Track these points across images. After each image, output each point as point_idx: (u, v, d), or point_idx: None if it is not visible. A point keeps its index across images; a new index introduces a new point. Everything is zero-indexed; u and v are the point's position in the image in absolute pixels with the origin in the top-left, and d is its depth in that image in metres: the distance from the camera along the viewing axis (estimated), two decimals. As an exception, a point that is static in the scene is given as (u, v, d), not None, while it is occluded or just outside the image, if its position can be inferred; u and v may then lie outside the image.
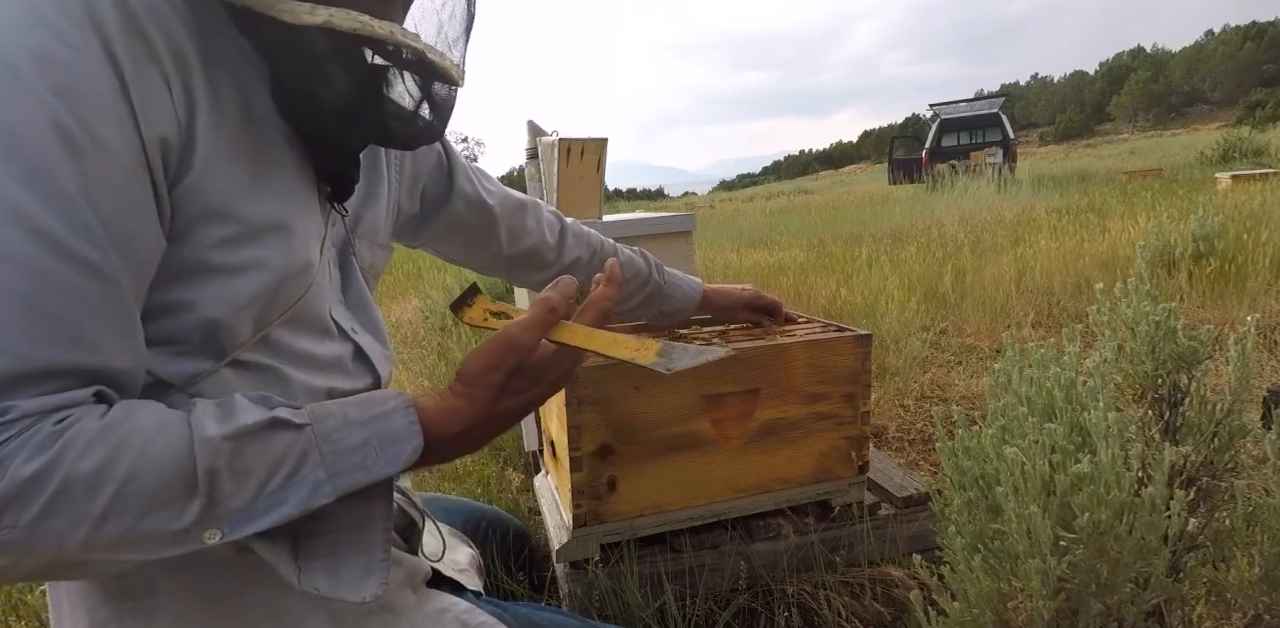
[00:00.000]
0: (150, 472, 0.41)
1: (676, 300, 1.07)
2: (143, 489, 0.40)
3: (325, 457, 0.46)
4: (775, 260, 4.85)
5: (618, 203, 24.26)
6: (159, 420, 0.43)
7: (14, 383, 0.39)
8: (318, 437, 0.46)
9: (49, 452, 0.39)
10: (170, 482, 0.41)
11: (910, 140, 17.25)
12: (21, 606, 1.29)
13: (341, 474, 0.46)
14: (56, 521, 0.38)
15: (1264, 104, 41.30)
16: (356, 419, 0.47)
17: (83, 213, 0.40)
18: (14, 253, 0.38)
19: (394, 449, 0.48)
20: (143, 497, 0.40)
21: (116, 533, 0.40)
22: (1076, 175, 9.98)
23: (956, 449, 0.80)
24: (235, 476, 0.43)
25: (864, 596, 1.05)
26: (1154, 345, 0.78)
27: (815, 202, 13.74)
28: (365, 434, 0.47)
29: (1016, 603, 0.71)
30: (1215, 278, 2.92)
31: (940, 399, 2.11)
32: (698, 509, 1.06)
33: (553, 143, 1.76)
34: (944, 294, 3.25)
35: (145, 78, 0.43)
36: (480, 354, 0.52)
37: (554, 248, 0.95)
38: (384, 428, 0.48)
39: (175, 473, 0.41)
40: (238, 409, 0.45)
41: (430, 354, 2.94)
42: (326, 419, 0.47)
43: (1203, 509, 0.75)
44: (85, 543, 0.39)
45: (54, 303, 0.40)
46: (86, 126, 0.40)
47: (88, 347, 0.41)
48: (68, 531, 0.39)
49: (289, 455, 0.45)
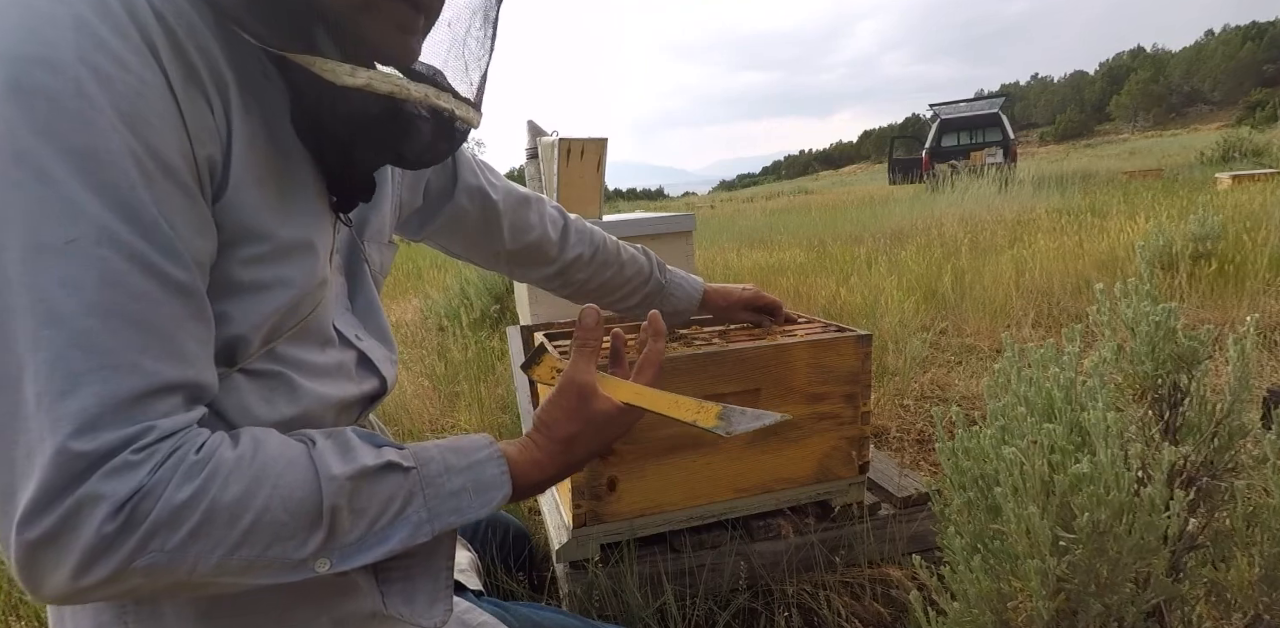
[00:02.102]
0: (283, 504, 0.44)
1: (677, 300, 1.07)
2: (276, 520, 0.44)
3: (429, 499, 0.50)
4: (775, 260, 4.86)
5: (618, 203, 24.26)
6: (286, 455, 0.46)
7: (144, 400, 0.41)
8: (422, 480, 0.50)
9: (197, 480, 0.41)
10: (299, 515, 0.45)
11: (910, 140, 17.26)
12: (22, 605, 1.29)
13: (440, 516, 0.50)
14: (198, 545, 0.41)
15: (1264, 104, 41.31)
16: (456, 466, 0.52)
17: (166, 234, 0.42)
18: (118, 274, 0.40)
19: (487, 496, 0.53)
20: (275, 527, 0.44)
21: (247, 560, 0.43)
22: (1076, 175, 9.98)
23: (956, 449, 0.80)
24: (353, 513, 0.47)
25: (864, 596, 1.05)
26: (1154, 345, 0.78)
27: (815, 202, 13.75)
28: (463, 480, 0.52)
29: (1016, 603, 0.71)
30: (1215, 278, 2.92)
31: (940, 399, 2.11)
32: (698, 509, 1.06)
33: (553, 143, 1.77)
34: (944, 294, 3.25)
35: (193, 98, 0.44)
36: (553, 405, 0.59)
37: (556, 244, 0.94)
38: (479, 475, 0.53)
39: (304, 507, 0.45)
40: (355, 449, 0.49)
41: (430, 354, 2.94)
42: (429, 464, 0.51)
43: (1203, 509, 0.75)
44: (217, 567, 0.42)
45: (158, 321, 0.41)
46: (154, 151, 0.41)
47: (191, 362, 0.43)
48: (205, 555, 0.42)
49: (397, 496, 0.49)
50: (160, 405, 0.42)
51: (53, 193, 0.38)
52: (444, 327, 3.49)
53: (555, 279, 0.98)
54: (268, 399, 0.53)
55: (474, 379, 2.41)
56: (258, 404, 0.52)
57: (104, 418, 0.39)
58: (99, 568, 0.39)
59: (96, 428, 0.39)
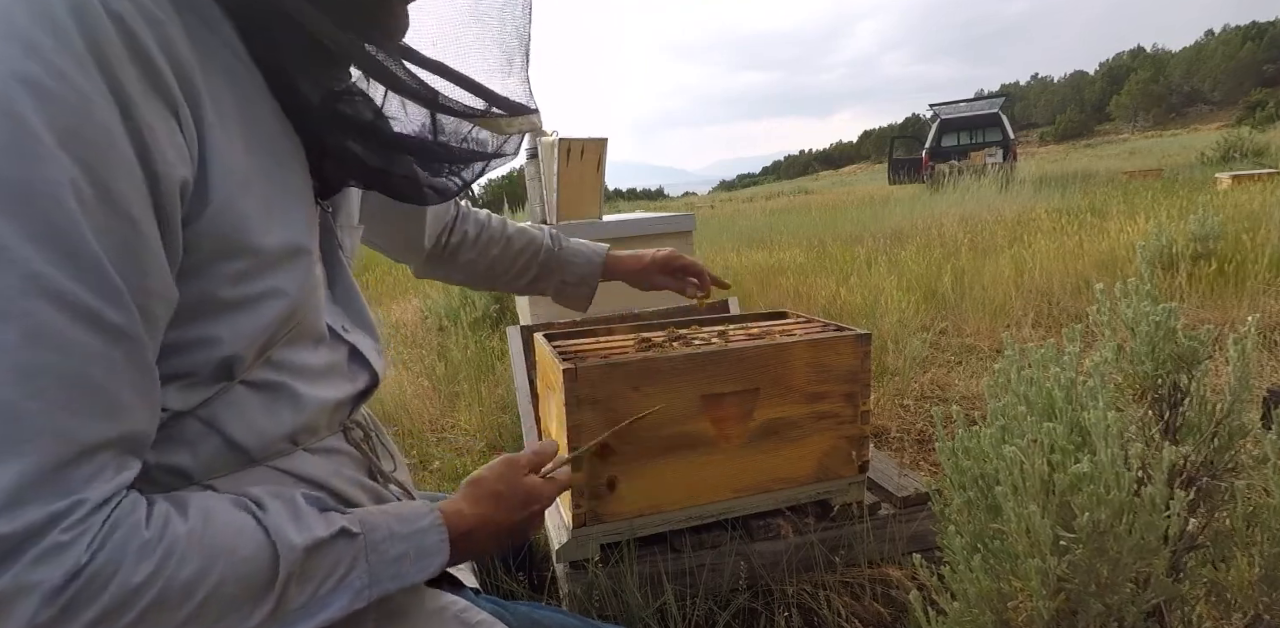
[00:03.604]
0: (236, 579, 0.42)
1: (577, 266, 1.03)
2: (227, 594, 0.42)
3: (372, 565, 0.50)
4: (775, 261, 4.85)
5: (618, 203, 24.26)
6: (235, 524, 0.44)
7: (70, 467, 0.37)
8: (367, 546, 0.50)
9: (153, 559, 0.39)
10: (252, 587, 0.43)
11: (910, 140, 17.25)
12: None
13: (380, 582, 0.50)
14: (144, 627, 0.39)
15: (1264, 104, 41.31)
16: (399, 533, 0.52)
17: (105, 273, 0.38)
18: (43, 327, 0.36)
19: (426, 561, 0.53)
20: (225, 601, 0.42)
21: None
22: (1076, 175, 9.98)
23: (956, 449, 0.80)
24: (301, 580, 0.46)
25: (864, 596, 1.05)
26: (1154, 345, 0.78)
27: (815, 202, 13.75)
28: (405, 547, 0.52)
29: (1016, 603, 0.71)
30: (1215, 278, 2.92)
31: (940, 399, 2.11)
32: (698, 509, 1.06)
33: (553, 143, 1.77)
34: (944, 294, 3.25)
35: (154, 112, 0.40)
36: (488, 467, 0.64)
37: (447, 227, 0.95)
38: (420, 543, 0.53)
39: (257, 579, 0.43)
40: (306, 516, 0.48)
41: (430, 354, 2.94)
42: (375, 530, 0.51)
43: (1203, 509, 0.75)
44: None
45: (89, 375, 0.38)
46: (96, 176, 0.37)
47: (124, 415, 0.40)
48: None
49: (342, 562, 0.49)
50: (88, 469, 0.38)
51: None
52: (444, 327, 3.49)
53: (448, 264, 0.97)
54: (270, 410, 0.52)
55: (474, 379, 2.41)
56: (261, 417, 0.52)
57: (25, 494, 0.35)
58: None
59: (19, 505, 0.35)
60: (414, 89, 0.52)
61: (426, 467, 1.83)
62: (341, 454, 0.60)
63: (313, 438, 0.57)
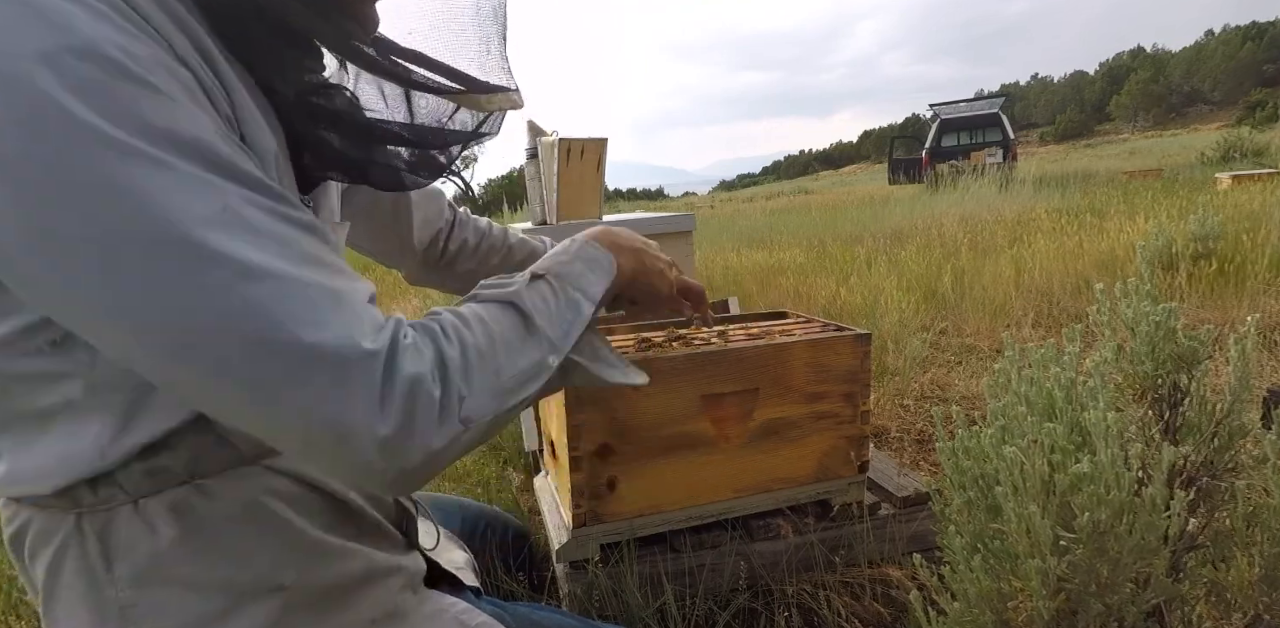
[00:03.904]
0: (505, 328, 0.54)
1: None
2: (509, 340, 0.53)
3: (574, 281, 0.61)
4: (775, 260, 4.85)
5: (618, 203, 24.26)
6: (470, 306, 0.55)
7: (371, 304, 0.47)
8: (558, 277, 0.60)
9: (452, 338, 0.50)
10: (518, 329, 0.55)
11: (910, 140, 17.25)
12: (22, 605, 1.29)
13: (586, 291, 0.61)
14: (486, 377, 0.50)
15: (1264, 104, 41.29)
16: (563, 260, 0.63)
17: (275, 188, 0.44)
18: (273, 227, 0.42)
19: (601, 265, 0.65)
20: (513, 345, 0.53)
21: (514, 374, 0.52)
22: (1076, 175, 9.98)
23: (956, 449, 0.80)
24: (541, 314, 0.56)
25: (864, 596, 1.05)
26: (1154, 345, 0.78)
27: (815, 201, 13.74)
28: (580, 265, 0.63)
29: (1016, 603, 0.71)
30: (1215, 278, 2.92)
31: (940, 399, 2.11)
32: (697, 509, 1.06)
33: (553, 143, 1.76)
34: (944, 294, 3.25)
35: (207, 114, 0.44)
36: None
37: (445, 234, 0.93)
38: (585, 255, 0.65)
39: (516, 324, 0.55)
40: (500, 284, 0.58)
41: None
42: (549, 269, 0.61)
43: (1203, 509, 0.75)
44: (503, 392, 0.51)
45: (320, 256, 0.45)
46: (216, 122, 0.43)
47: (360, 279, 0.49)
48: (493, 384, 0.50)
49: (555, 292, 0.59)
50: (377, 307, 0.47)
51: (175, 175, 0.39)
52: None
53: (445, 272, 0.97)
54: None
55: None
56: None
57: (366, 323, 0.44)
58: (444, 430, 0.46)
59: (371, 329, 0.44)
60: (388, 69, 0.55)
61: (426, 467, 1.82)
62: None
63: None
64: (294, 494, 0.55)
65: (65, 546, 0.51)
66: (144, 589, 0.50)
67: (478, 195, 3.37)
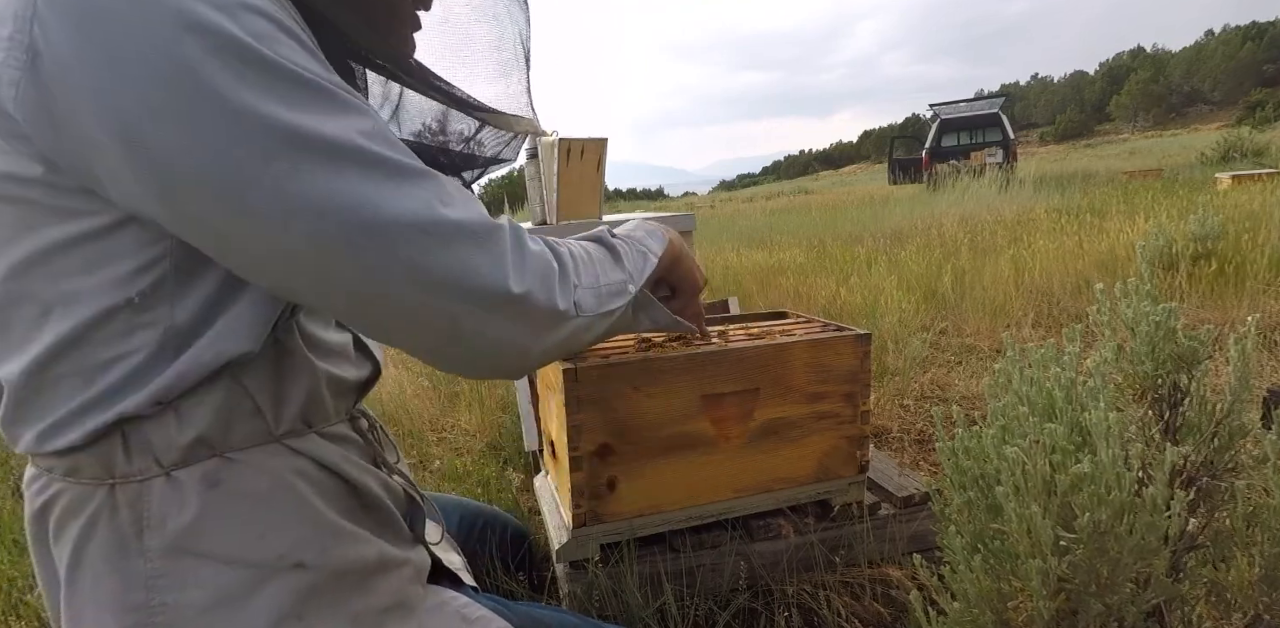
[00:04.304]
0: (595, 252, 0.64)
1: None
2: (602, 259, 0.64)
3: (640, 242, 0.72)
4: (775, 260, 4.85)
5: (618, 203, 24.25)
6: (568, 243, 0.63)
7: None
8: (628, 236, 0.72)
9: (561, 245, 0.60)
10: (606, 251, 0.66)
11: (910, 140, 17.26)
12: (22, 606, 1.29)
13: (649, 247, 0.72)
14: (588, 278, 0.60)
15: (1264, 104, 41.29)
16: (630, 228, 0.75)
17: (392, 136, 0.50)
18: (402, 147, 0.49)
19: (657, 235, 0.75)
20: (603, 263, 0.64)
21: (609, 285, 0.62)
22: (1076, 175, 9.98)
23: (956, 449, 0.80)
24: (621, 255, 0.67)
25: (864, 596, 1.05)
26: (1154, 345, 0.78)
27: (815, 201, 13.75)
28: (642, 233, 0.74)
29: (1016, 603, 0.71)
30: (1215, 278, 2.92)
31: (940, 399, 2.10)
32: (698, 509, 1.06)
33: (553, 143, 1.76)
34: (944, 294, 3.25)
35: None
36: None
37: None
38: (645, 226, 0.76)
39: (602, 248, 0.66)
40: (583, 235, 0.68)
41: (430, 354, 2.94)
42: (619, 232, 0.72)
43: (1203, 509, 0.75)
44: (600, 294, 0.61)
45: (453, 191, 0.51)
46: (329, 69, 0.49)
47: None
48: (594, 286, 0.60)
49: (626, 247, 0.69)
50: None
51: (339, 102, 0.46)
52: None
53: None
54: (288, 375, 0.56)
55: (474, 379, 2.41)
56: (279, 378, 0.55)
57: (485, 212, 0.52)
58: (564, 298, 0.55)
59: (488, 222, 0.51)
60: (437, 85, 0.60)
61: (426, 467, 1.83)
62: (349, 442, 0.62)
63: (323, 422, 0.59)
64: (315, 477, 0.57)
65: (97, 516, 0.51)
66: (173, 561, 0.51)
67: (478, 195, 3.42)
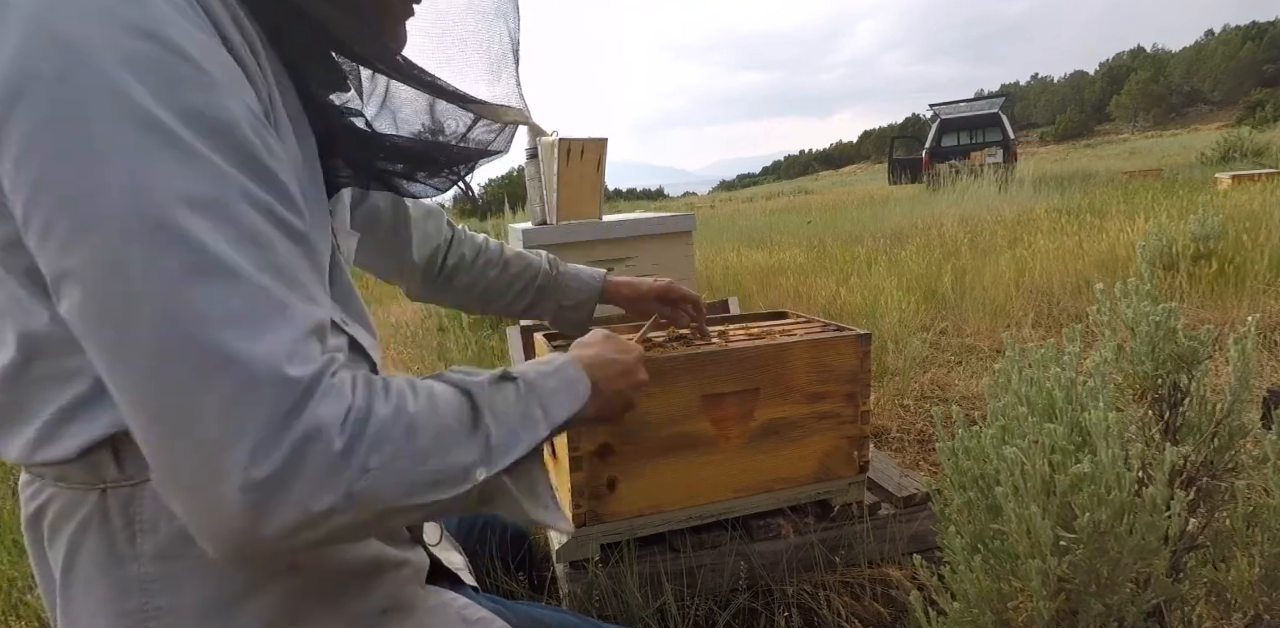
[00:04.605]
0: (450, 412, 0.49)
1: (575, 291, 1.02)
2: (449, 427, 0.48)
3: (540, 399, 0.57)
4: (775, 260, 4.85)
5: (618, 203, 24.26)
6: (433, 383, 0.51)
7: (313, 335, 0.43)
8: (529, 385, 0.57)
9: (393, 397, 0.46)
10: (463, 420, 0.50)
11: (910, 140, 17.24)
12: (22, 606, 1.29)
13: (549, 412, 0.57)
14: (400, 461, 0.44)
15: (1264, 104, 41.30)
16: (545, 372, 0.60)
17: (283, 185, 0.45)
18: (258, 228, 0.42)
19: (576, 389, 0.61)
20: (449, 434, 0.48)
21: (432, 472, 0.46)
22: (1076, 175, 9.98)
23: (956, 449, 0.80)
24: (493, 417, 0.52)
25: (864, 596, 1.05)
26: (1154, 345, 0.78)
27: (815, 201, 13.74)
28: (555, 382, 0.59)
29: (1016, 603, 0.71)
30: (1215, 278, 2.92)
31: (940, 399, 2.10)
32: (698, 509, 1.06)
33: (553, 143, 1.76)
34: (944, 294, 3.25)
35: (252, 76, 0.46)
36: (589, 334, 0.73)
37: (443, 250, 0.96)
38: (565, 375, 0.61)
39: (463, 412, 0.50)
40: (469, 371, 0.55)
41: (430, 354, 2.94)
42: (525, 374, 0.58)
43: (1203, 509, 0.75)
44: (410, 485, 0.45)
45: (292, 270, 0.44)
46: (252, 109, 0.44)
47: (321, 304, 0.46)
48: (405, 471, 0.44)
49: (518, 399, 0.55)
50: (322, 341, 0.44)
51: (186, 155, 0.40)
52: (444, 327, 3.49)
53: (444, 286, 0.99)
54: None
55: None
56: None
57: (301, 349, 0.41)
58: (326, 495, 0.41)
59: (301, 357, 0.41)
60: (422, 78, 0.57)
61: (426, 467, 1.83)
62: None
63: None
64: None
65: (88, 521, 0.51)
66: (166, 565, 0.51)
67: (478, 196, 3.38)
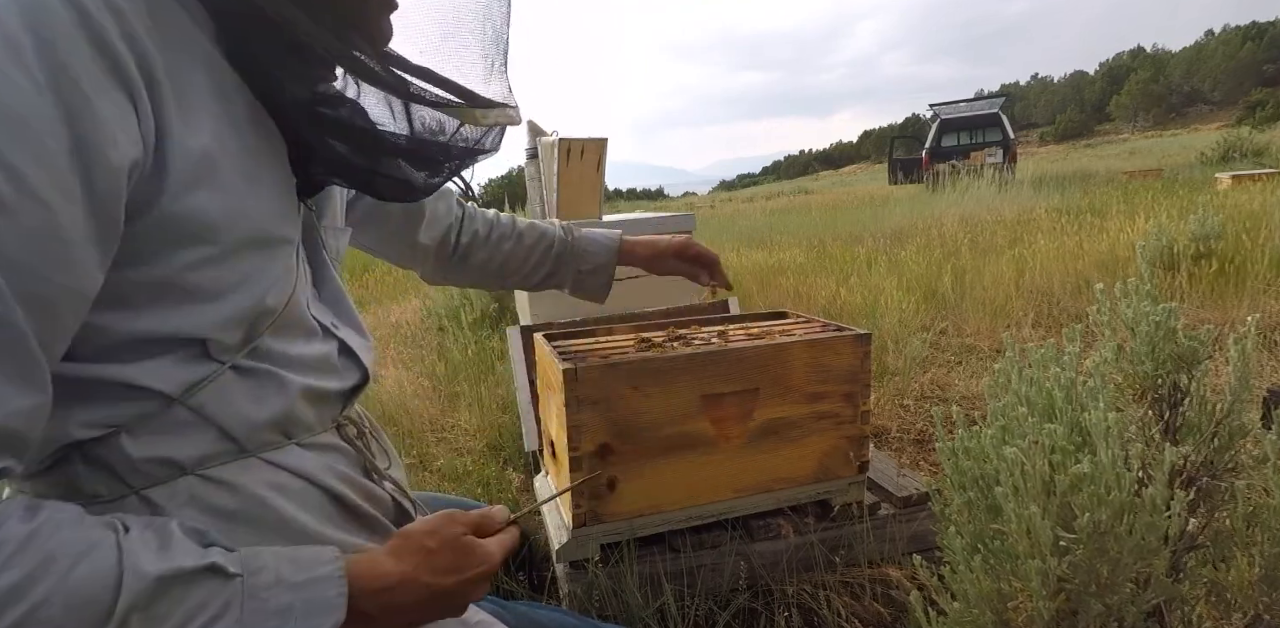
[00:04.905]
0: (64, 600, 0.37)
1: (593, 254, 1.00)
2: (50, 618, 0.36)
3: (245, 614, 0.43)
4: (775, 260, 4.85)
5: (618, 203, 24.26)
6: (88, 539, 0.40)
7: None
8: (245, 590, 0.43)
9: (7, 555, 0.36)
10: (83, 614, 0.38)
11: (910, 140, 17.25)
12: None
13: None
14: None
15: (1264, 104, 41.30)
16: (289, 581, 0.45)
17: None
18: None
19: (314, 620, 0.44)
20: (49, 625, 0.37)
21: None
22: (1076, 175, 9.98)
23: (956, 449, 0.80)
24: (149, 619, 0.40)
25: (864, 596, 1.05)
26: (1154, 345, 0.78)
27: (815, 201, 13.75)
28: (292, 598, 0.44)
29: (1016, 603, 0.71)
30: (1215, 278, 2.92)
31: (940, 399, 2.10)
32: (698, 509, 1.06)
33: (553, 143, 1.77)
34: (944, 294, 3.25)
35: (105, 96, 0.41)
36: (422, 520, 0.55)
37: (455, 229, 0.94)
38: (312, 595, 0.45)
39: (90, 606, 0.38)
40: (176, 545, 0.43)
41: (430, 354, 2.94)
42: (260, 573, 0.44)
43: (1203, 509, 0.75)
44: None
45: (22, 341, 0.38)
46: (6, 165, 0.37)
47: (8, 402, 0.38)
48: None
49: (210, 605, 0.42)
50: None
51: None
52: (444, 327, 3.49)
53: (460, 265, 0.96)
54: (257, 397, 0.53)
55: (474, 379, 2.41)
56: (247, 404, 0.53)
57: None
58: None
59: None
60: (386, 81, 0.54)
61: (427, 467, 1.83)
62: (335, 451, 0.61)
63: (306, 433, 0.58)
64: (294, 489, 0.56)
65: None
66: None
67: (478, 195, 3.43)
